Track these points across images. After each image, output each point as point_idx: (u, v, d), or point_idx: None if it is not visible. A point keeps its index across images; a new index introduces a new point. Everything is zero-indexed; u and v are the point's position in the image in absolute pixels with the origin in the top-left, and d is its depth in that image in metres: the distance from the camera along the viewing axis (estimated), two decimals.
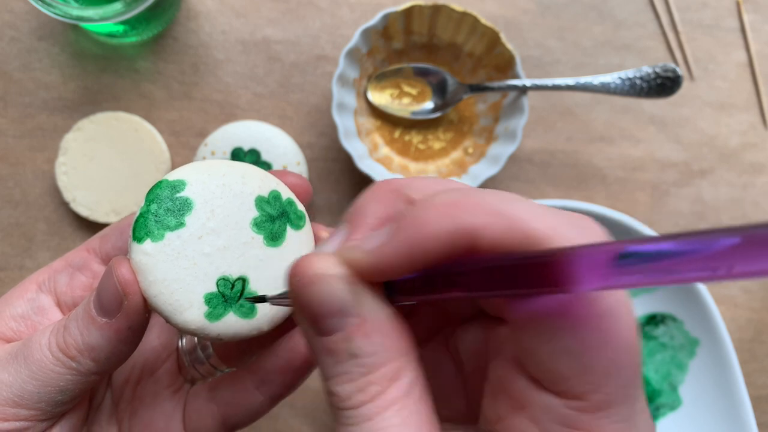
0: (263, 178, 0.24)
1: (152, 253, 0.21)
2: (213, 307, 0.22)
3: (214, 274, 0.22)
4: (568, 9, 0.49)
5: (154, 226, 0.22)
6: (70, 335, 0.22)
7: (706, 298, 0.43)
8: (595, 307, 0.16)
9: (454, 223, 0.16)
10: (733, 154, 0.50)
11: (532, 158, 0.49)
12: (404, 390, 0.17)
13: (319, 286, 0.17)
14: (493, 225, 0.16)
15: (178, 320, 0.22)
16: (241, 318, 0.22)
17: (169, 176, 0.23)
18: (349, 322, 0.17)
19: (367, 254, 0.17)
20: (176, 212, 0.22)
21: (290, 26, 0.48)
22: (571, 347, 0.16)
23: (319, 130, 0.48)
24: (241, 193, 0.23)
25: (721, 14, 0.50)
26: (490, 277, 0.16)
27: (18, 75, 0.46)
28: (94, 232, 0.46)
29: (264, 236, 0.23)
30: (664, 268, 0.13)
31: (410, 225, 0.17)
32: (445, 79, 0.47)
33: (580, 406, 0.16)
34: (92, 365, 0.22)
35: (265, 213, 0.23)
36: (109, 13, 0.38)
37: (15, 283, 0.46)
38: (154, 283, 0.21)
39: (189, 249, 0.22)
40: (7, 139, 0.46)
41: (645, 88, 0.44)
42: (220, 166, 0.23)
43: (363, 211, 0.19)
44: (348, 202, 0.48)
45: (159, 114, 0.47)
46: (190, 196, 0.22)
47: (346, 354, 0.17)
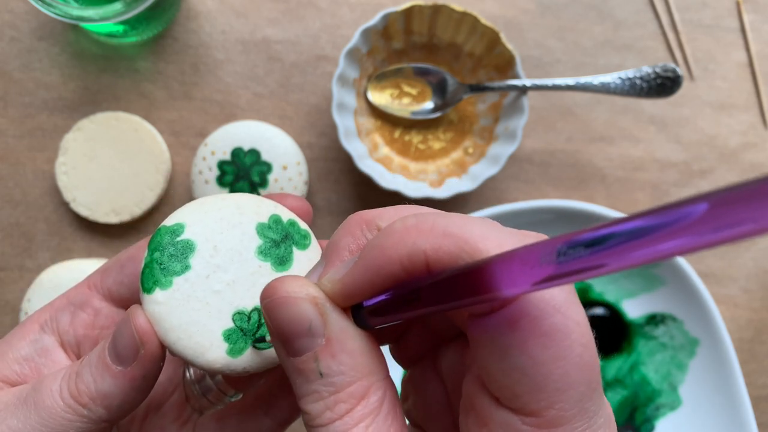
0: (260, 204, 0.24)
1: (164, 301, 0.22)
2: (233, 343, 0.22)
3: (228, 309, 0.22)
4: (568, 9, 0.49)
5: (160, 274, 0.22)
6: (83, 382, 0.22)
7: (706, 298, 0.43)
8: (543, 324, 0.16)
9: (407, 247, 0.17)
10: (733, 154, 0.50)
11: (532, 158, 0.49)
12: (372, 407, 0.18)
13: (288, 307, 0.18)
14: (444, 246, 0.17)
15: (202, 362, 0.22)
16: (263, 349, 0.22)
17: (166, 222, 0.23)
18: (316, 343, 0.18)
19: (334, 283, 0.18)
20: (180, 256, 0.22)
21: (290, 26, 0.48)
22: (522, 364, 0.16)
23: (319, 130, 0.48)
24: (240, 223, 0.23)
25: (721, 14, 0.50)
26: (437, 292, 0.17)
27: (18, 75, 0.46)
28: (94, 232, 0.46)
29: (271, 263, 0.23)
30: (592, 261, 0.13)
31: (370, 252, 0.18)
32: (445, 79, 0.47)
33: (535, 422, 0.16)
34: (104, 413, 0.22)
35: (269, 239, 0.23)
36: (109, 13, 0.38)
37: (15, 283, 0.46)
38: (171, 330, 0.21)
39: (199, 290, 0.22)
40: (7, 139, 0.46)
41: (645, 88, 0.44)
42: (214, 201, 0.23)
43: (336, 244, 0.20)
44: (348, 202, 0.48)
45: (159, 114, 0.47)
46: (190, 238, 0.22)
47: (314, 373, 0.18)
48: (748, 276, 0.49)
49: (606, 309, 0.47)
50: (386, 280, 0.18)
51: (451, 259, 0.17)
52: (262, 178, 0.43)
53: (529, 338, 0.16)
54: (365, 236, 0.20)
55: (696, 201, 0.11)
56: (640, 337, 0.46)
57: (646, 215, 0.12)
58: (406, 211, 0.20)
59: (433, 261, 0.17)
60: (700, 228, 0.11)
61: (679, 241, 0.11)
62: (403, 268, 0.17)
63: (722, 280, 0.49)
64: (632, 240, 0.12)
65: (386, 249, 0.17)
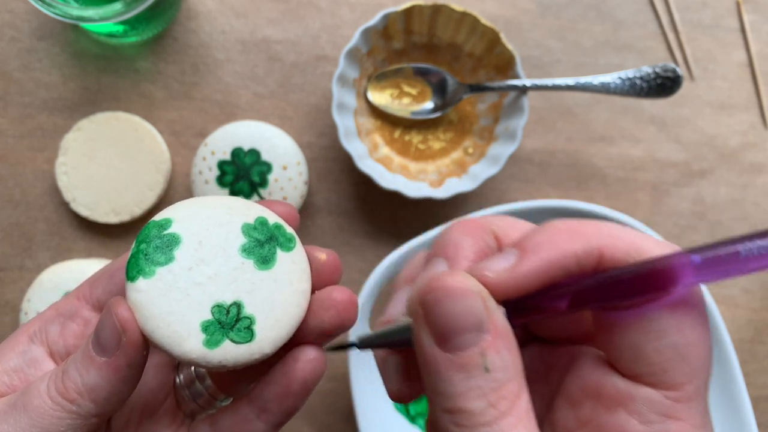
0: (249, 207, 0.24)
1: (145, 290, 0.22)
2: (210, 335, 0.22)
3: (208, 302, 0.22)
4: (568, 9, 0.49)
5: (144, 263, 0.22)
6: (69, 378, 0.22)
7: (706, 298, 0.43)
8: (695, 310, 0.19)
9: (583, 243, 0.19)
10: (733, 154, 0.50)
11: (532, 158, 0.49)
12: (526, 406, 0.18)
13: (457, 301, 0.18)
14: (615, 244, 0.19)
15: (178, 351, 0.22)
16: (240, 343, 0.22)
17: (156, 217, 0.23)
18: (483, 338, 0.18)
19: (499, 274, 0.19)
20: (165, 248, 0.22)
21: (290, 26, 0.48)
22: (676, 343, 0.18)
23: (319, 130, 0.48)
24: (228, 222, 0.23)
25: (721, 14, 0.50)
26: (614, 288, 0.18)
27: (18, 75, 0.46)
28: (94, 232, 0.46)
29: (254, 260, 0.23)
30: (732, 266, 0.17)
31: (542, 247, 0.19)
32: (445, 79, 0.47)
33: (675, 396, 0.18)
34: (92, 407, 0.22)
35: (253, 238, 0.23)
36: (109, 13, 0.38)
37: (15, 283, 0.46)
38: (150, 318, 0.22)
39: (181, 281, 0.22)
40: (7, 139, 0.46)
41: (645, 88, 0.44)
42: (205, 201, 0.24)
43: (457, 243, 0.20)
44: (348, 202, 0.48)
45: (159, 114, 0.47)
46: (177, 232, 0.23)
47: (478, 369, 0.18)
48: (748, 276, 0.49)
49: None
50: (558, 274, 0.19)
51: (622, 258, 0.18)
52: (262, 178, 0.43)
53: (684, 321, 0.18)
54: (484, 239, 0.21)
55: None
56: None
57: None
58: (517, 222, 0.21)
59: (608, 257, 0.19)
60: None
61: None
62: (578, 262, 0.18)
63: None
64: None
65: (560, 243, 0.19)
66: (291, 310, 0.23)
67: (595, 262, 0.19)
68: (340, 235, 0.48)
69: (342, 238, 0.48)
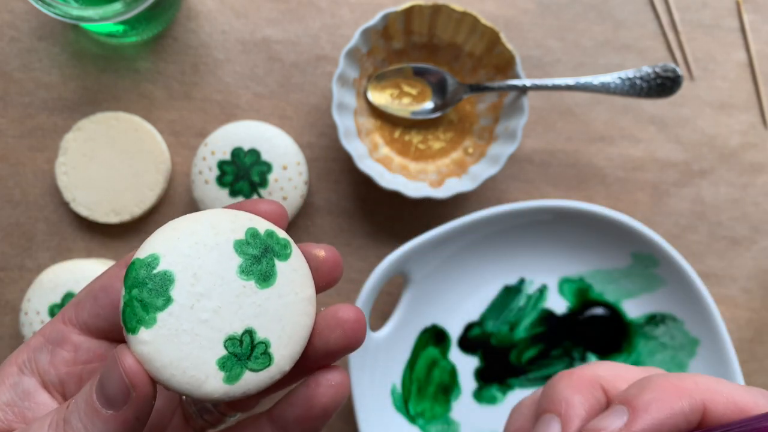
0: (234, 219, 0.23)
1: (150, 340, 0.21)
2: (229, 370, 0.21)
3: (218, 337, 0.21)
4: (568, 9, 0.49)
5: (142, 312, 0.21)
6: (72, 429, 0.21)
7: (706, 298, 0.43)
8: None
9: (689, 400, 0.19)
10: (733, 154, 0.50)
11: (532, 158, 0.49)
12: None
13: None
14: (717, 399, 0.19)
15: (200, 394, 0.21)
16: (260, 370, 0.22)
17: (139, 254, 0.22)
18: None
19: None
20: (160, 290, 0.21)
21: (290, 26, 0.48)
22: None
23: (319, 130, 0.48)
24: (216, 244, 0.22)
25: (721, 14, 0.50)
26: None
27: (18, 75, 0.46)
28: (94, 232, 0.46)
29: (255, 280, 0.22)
30: None
31: (652, 405, 0.19)
32: (445, 79, 0.47)
33: None
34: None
35: (249, 256, 0.22)
36: (109, 13, 0.38)
37: (15, 283, 0.46)
38: (163, 368, 0.21)
39: (185, 322, 0.21)
40: (7, 139, 0.46)
41: (645, 88, 0.44)
42: (187, 224, 0.22)
43: (568, 401, 0.21)
44: (348, 202, 0.48)
45: (159, 114, 0.47)
46: (168, 268, 0.21)
47: None
48: (748, 276, 0.49)
49: (606, 309, 0.47)
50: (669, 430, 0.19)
51: (723, 413, 0.19)
52: (262, 178, 0.43)
53: None
54: (594, 396, 0.21)
55: None
56: (640, 337, 0.46)
57: None
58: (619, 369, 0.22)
59: (712, 412, 0.19)
60: None
61: None
62: (686, 419, 0.19)
63: (722, 280, 0.49)
64: None
65: (668, 402, 0.19)
66: (301, 321, 0.22)
67: (699, 418, 0.19)
68: (340, 235, 0.48)
69: (342, 238, 0.48)
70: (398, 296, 0.45)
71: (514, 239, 0.45)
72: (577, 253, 0.46)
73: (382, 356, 0.44)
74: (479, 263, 0.46)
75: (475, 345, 0.46)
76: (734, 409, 0.19)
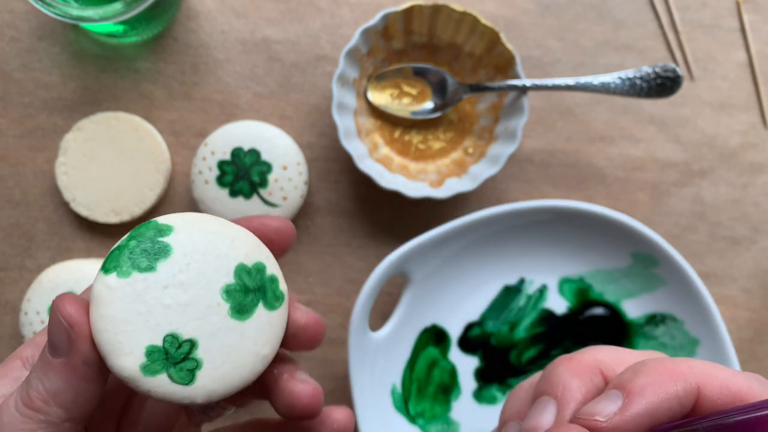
0: (254, 247, 0.23)
1: (113, 288, 0.21)
2: (151, 362, 0.21)
3: (165, 328, 0.21)
4: (568, 9, 0.49)
5: (124, 261, 0.21)
6: (32, 388, 0.21)
7: (706, 298, 0.43)
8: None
9: (683, 383, 0.19)
10: (733, 154, 0.50)
11: (532, 158, 0.49)
12: None
13: None
14: (712, 384, 0.19)
15: (112, 363, 0.21)
16: (176, 382, 0.21)
17: (159, 218, 0.22)
18: None
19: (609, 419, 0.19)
20: (151, 255, 0.21)
21: (290, 26, 0.48)
22: None
23: (319, 130, 0.48)
24: (225, 255, 0.22)
25: (721, 14, 0.50)
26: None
27: (18, 75, 0.46)
28: (94, 232, 0.46)
29: (231, 305, 0.22)
30: None
31: (646, 390, 0.19)
32: (445, 79, 0.47)
33: None
34: (61, 412, 0.21)
35: (242, 283, 0.22)
36: (109, 13, 0.38)
37: (15, 283, 0.46)
38: (102, 318, 0.21)
39: (150, 295, 0.21)
40: (7, 139, 0.46)
41: (645, 88, 0.44)
42: (214, 222, 0.23)
43: (566, 385, 0.21)
44: (348, 202, 0.48)
45: (159, 114, 0.47)
46: (171, 243, 0.22)
47: None
48: (748, 276, 0.49)
49: (606, 309, 0.47)
50: (663, 415, 0.19)
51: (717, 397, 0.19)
52: (262, 178, 0.43)
53: None
54: (593, 381, 0.21)
55: None
56: (640, 337, 0.46)
57: None
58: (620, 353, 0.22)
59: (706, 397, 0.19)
60: None
61: None
62: (680, 403, 0.19)
63: (722, 280, 0.49)
64: None
65: (662, 386, 0.19)
66: (241, 372, 0.22)
67: (693, 402, 0.19)
68: (340, 235, 0.48)
69: (342, 238, 0.48)
70: (398, 296, 0.45)
71: (514, 239, 0.45)
72: (577, 253, 0.46)
73: (382, 356, 0.44)
74: (479, 263, 0.46)
75: (475, 345, 0.46)
76: (728, 394, 0.19)
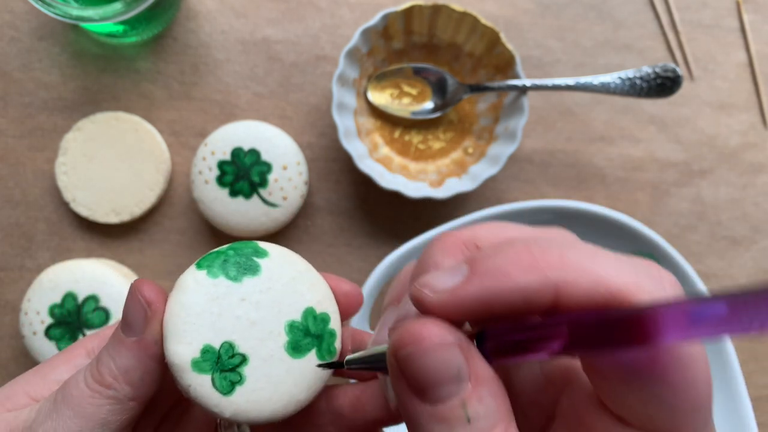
0: (327, 298, 0.24)
1: (200, 282, 0.22)
2: (203, 359, 0.22)
3: (227, 334, 0.22)
4: (568, 9, 0.49)
5: (217, 265, 0.23)
6: (102, 364, 0.22)
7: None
8: (680, 356, 0.16)
9: (539, 277, 0.16)
10: (733, 154, 0.50)
11: (532, 158, 0.49)
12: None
13: (436, 354, 0.17)
14: (578, 282, 0.16)
15: (169, 347, 0.22)
16: (216, 388, 0.22)
17: (260, 243, 0.24)
18: (463, 388, 0.17)
19: (438, 296, 0.17)
20: (242, 268, 0.23)
21: (290, 26, 0.48)
22: (662, 393, 0.16)
23: (319, 130, 0.48)
24: (301, 294, 0.24)
25: (721, 14, 0.50)
26: (579, 335, 0.16)
27: (18, 75, 0.46)
28: (94, 232, 0.46)
29: (289, 339, 0.23)
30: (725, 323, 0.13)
31: (490, 272, 0.17)
32: (445, 79, 0.47)
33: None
34: (128, 390, 0.22)
35: (306, 324, 0.23)
36: (109, 13, 0.38)
37: (15, 283, 0.46)
38: (179, 304, 0.22)
39: (226, 301, 0.22)
40: (7, 139, 0.46)
41: (645, 88, 0.44)
42: (303, 263, 0.24)
43: (438, 265, 0.19)
44: (348, 202, 0.48)
45: (159, 114, 0.47)
46: (262, 266, 0.23)
47: (461, 420, 0.17)
48: (748, 276, 0.49)
49: None
50: (501, 306, 0.17)
51: (585, 298, 0.16)
52: (262, 178, 0.43)
53: (668, 369, 0.16)
54: (466, 256, 0.19)
55: None
56: None
57: None
58: (505, 231, 0.19)
59: (565, 297, 0.16)
60: None
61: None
62: (526, 298, 0.16)
63: (722, 280, 0.49)
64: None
65: (511, 273, 0.16)
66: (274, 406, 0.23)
67: (549, 302, 0.16)
68: (340, 235, 0.48)
69: (342, 238, 0.48)
70: None
71: None
72: None
73: None
74: None
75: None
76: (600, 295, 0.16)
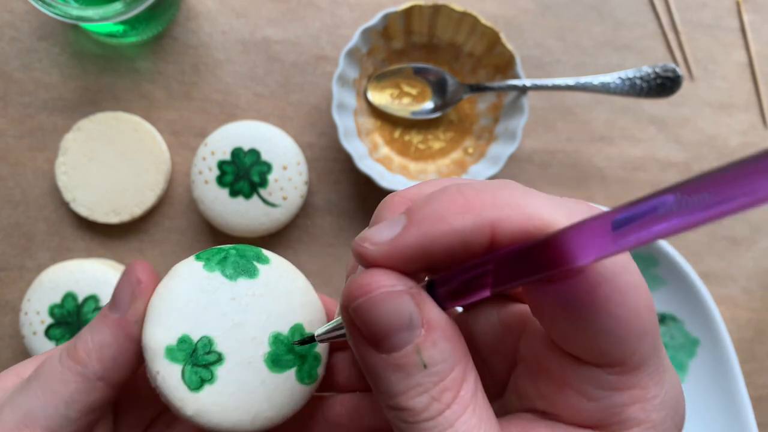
0: (320, 321, 0.24)
1: (195, 273, 0.22)
2: (178, 349, 0.22)
3: (207, 329, 0.22)
4: (568, 9, 0.49)
5: (217, 261, 0.23)
6: (80, 339, 0.22)
7: (706, 298, 0.43)
8: (618, 284, 0.17)
9: (471, 217, 0.16)
10: (733, 154, 0.50)
11: (532, 158, 0.49)
12: (472, 389, 0.17)
13: (387, 303, 0.17)
14: (511, 218, 0.16)
15: (147, 327, 0.22)
16: (184, 381, 0.21)
17: (266, 251, 0.24)
18: (416, 334, 0.17)
19: (378, 248, 0.17)
20: (239, 269, 0.23)
21: (290, 26, 0.48)
22: (605, 324, 0.17)
23: (319, 130, 0.48)
24: (293, 310, 0.23)
25: (721, 14, 0.50)
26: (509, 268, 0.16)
27: (18, 75, 0.46)
28: (94, 232, 0.46)
29: (270, 351, 0.23)
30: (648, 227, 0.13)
31: (426, 219, 0.17)
32: (445, 79, 0.47)
33: (621, 370, 0.17)
34: (98, 368, 0.22)
35: (288, 342, 0.23)
36: (109, 13, 0.38)
37: (15, 283, 0.46)
38: (168, 289, 0.22)
39: (216, 296, 0.22)
40: (7, 139, 0.46)
41: (645, 88, 0.44)
42: (302, 280, 0.24)
43: (380, 219, 0.19)
44: (348, 202, 0.48)
45: (159, 114, 0.47)
46: (260, 271, 0.23)
47: (417, 366, 0.17)
48: (748, 276, 0.49)
49: None
50: (441, 251, 0.17)
51: (519, 233, 0.16)
52: (262, 178, 0.43)
53: (607, 300, 0.16)
54: None
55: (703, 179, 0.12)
56: None
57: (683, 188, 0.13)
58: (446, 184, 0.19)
59: (501, 234, 0.16)
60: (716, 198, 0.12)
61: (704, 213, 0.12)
62: (463, 239, 0.16)
63: (722, 280, 0.49)
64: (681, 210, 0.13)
65: (446, 217, 0.17)
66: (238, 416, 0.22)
67: (487, 241, 0.17)
68: (340, 235, 0.48)
69: (342, 238, 0.48)
70: None
71: None
72: None
73: None
74: None
75: None
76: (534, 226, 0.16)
